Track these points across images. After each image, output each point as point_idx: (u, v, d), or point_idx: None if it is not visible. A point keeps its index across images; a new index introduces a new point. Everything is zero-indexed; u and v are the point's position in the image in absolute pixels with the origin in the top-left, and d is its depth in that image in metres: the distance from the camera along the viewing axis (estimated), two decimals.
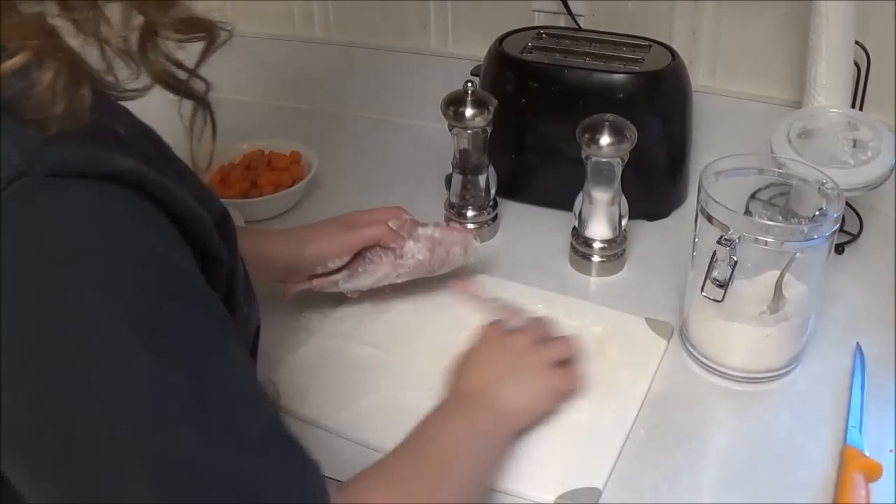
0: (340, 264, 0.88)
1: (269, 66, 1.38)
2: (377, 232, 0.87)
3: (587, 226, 0.98)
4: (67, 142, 0.45)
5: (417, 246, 0.88)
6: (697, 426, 0.79)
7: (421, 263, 0.88)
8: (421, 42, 1.31)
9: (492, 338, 0.80)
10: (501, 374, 0.75)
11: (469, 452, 0.69)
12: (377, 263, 0.88)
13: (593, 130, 0.91)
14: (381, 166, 1.22)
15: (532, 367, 0.77)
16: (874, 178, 0.93)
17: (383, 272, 0.88)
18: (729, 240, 0.76)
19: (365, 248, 0.88)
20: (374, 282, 0.89)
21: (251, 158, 1.17)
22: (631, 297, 0.95)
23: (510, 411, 0.74)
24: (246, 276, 0.61)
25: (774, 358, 0.83)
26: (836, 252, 0.98)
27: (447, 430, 0.69)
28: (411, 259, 0.88)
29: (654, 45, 1.07)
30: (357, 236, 0.87)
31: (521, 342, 0.79)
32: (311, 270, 0.88)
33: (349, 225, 0.89)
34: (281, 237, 0.89)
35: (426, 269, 0.90)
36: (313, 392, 0.82)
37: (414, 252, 0.88)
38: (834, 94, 0.99)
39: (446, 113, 0.99)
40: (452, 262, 0.91)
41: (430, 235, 0.89)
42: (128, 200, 0.46)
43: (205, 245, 0.51)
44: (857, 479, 0.71)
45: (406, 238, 0.88)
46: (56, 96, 0.44)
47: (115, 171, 0.45)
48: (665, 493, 0.72)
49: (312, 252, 0.87)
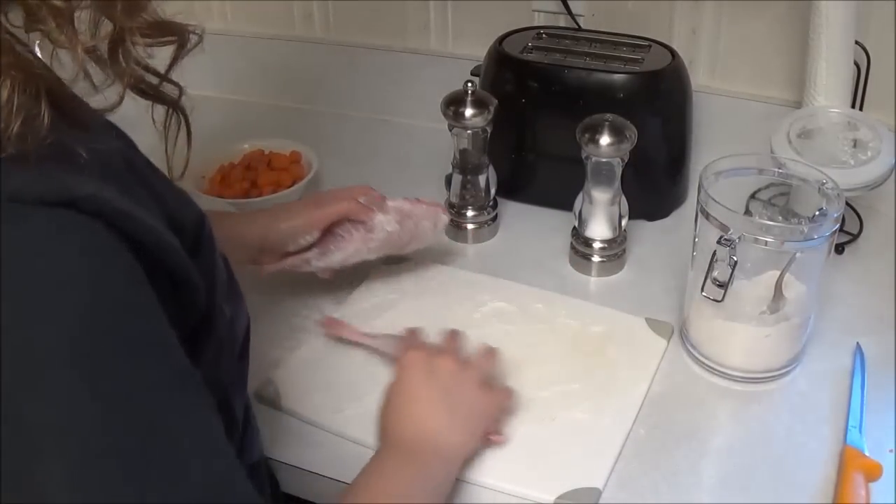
0: (311, 240, 0.88)
1: (269, 66, 1.38)
2: (346, 206, 0.88)
3: (587, 226, 0.98)
4: (24, 165, 0.43)
5: (387, 218, 0.89)
6: (697, 426, 0.79)
7: (390, 236, 0.89)
8: (421, 42, 1.30)
9: (417, 366, 0.73)
10: (438, 412, 0.70)
11: (425, 500, 0.65)
12: (348, 239, 0.89)
13: (593, 130, 0.91)
14: (381, 166, 1.22)
15: (465, 395, 0.72)
16: (874, 178, 0.93)
17: (354, 247, 0.89)
18: (729, 240, 0.76)
19: (335, 225, 0.88)
20: (345, 257, 0.89)
21: (251, 158, 1.17)
22: (631, 297, 0.95)
23: (456, 450, 0.70)
24: (230, 277, 0.60)
25: (774, 358, 0.83)
26: (836, 252, 0.98)
27: (399, 482, 0.65)
28: (381, 232, 0.89)
29: (654, 45, 1.07)
30: (326, 211, 0.88)
31: (446, 366, 0.73)
32: (283, 248, 0.88)
33: (317, 201, 0.90)
34: (251, 217, 0.90)
35: (396, 244, 0.91)
36: (313, 392, 0.82)
37: (384, 224, 0.89)
38: (834, 94, 0.99)
39: (446, 113, 0.99)
40: (422, 237, 0.92)
41: (399, 208, 0.90)
42: (84, 231, 0.44)
43: (174, 271, 0.49)
44: (857, 479, 0.71)
45: (375, 211, 0.89)
46: (10, 115, 0.42)
47: (74, 198, 0.43)
48: (665, 493, 0.72)
49: (283, 228, 0.87)
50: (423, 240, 0.93)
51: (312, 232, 0.88)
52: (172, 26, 0.52)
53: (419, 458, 0.68)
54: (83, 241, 0.44)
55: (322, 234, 0.88)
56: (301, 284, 0.94)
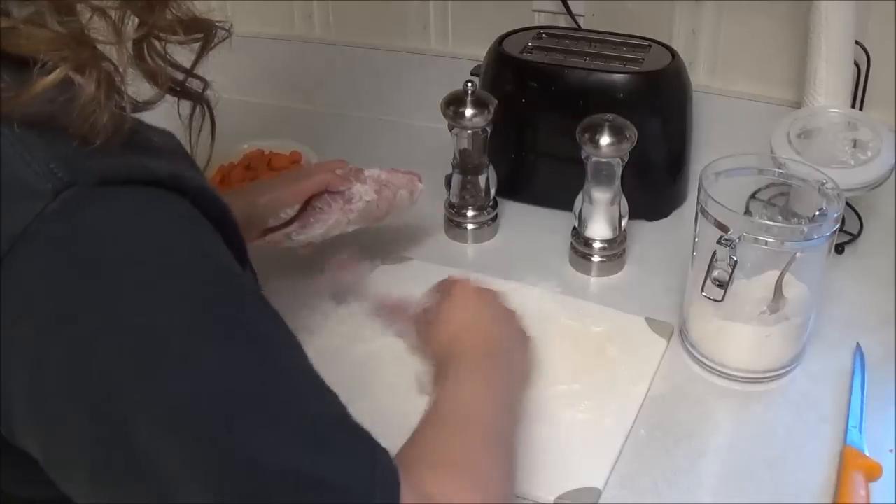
0: (292, 214, 0.89)
1: (270, 66, 1.38)
2: (324, 178, 0.89)
3: (587, 226, 0.98)
4: (109, 152, 0.45)
5: (365, 188, 0.90)
6: (697, 426, 0.79)
7: (369, 206, 0.90)
8: (421, 42, 1.30)
9: (468, 290, 0.80)
10: (498, 323, 0.77)
11: (507, 409, 0.68)
12: (327, 211, 0.89)
13: (593, 130, 0.91)
14: (381, 166, 1.22)
15: (509, 315, 0.79)
16: (874, 178, 0.93)
17: (334, 219, 0.89)
18: (729, 240, 0.76)
19: (314, 199, 0.89)
20: (325, 230, 0.90)
21: (251, 158, 1.17)
22: (631, 297, 0.95)
23: (518, 349, 0.77)
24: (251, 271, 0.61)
25: (774, 358, 0.83)
26: (836, 252, 0.98)
27: (477, 382, 0.68)
28: (359, 202, 0.90)
29: (654, 45, 1.07)
30: (304, 184, 0.89)
31: (491, 293, 0.80)
32: (263, 224, 0.88)
33: (295, 176, 0.92)
34: (235, 195, 0.91)
35: (375, 214, 0.92)
36: None
37: (361, 194, 0.90)
38: (834, 94, 0.99)
39: (446, 113, 0.99)
40: (400, 206, 0.94)
41: (376, 177, 0.92)
42: (174, 204, 0.46)
43: (237, 242, 0.51)
44: (857, 479, 0.71)
45: (353, 181, 0.90)
46: (100, 108, 0.44)
47: (158, 177, 0.46)
48: (665, 493, 0.72)
49: (263, 203, 0.87)
50: (400, 208, 0.94)
51: (292, 205, 0.88)
52: (201, 23, 0.53)
53: (490, 360, 0.72)
54: (179, 214, 0.46)
55: (301, 208, 0.89)
56: (301, 284, 0.93)
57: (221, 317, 0.46)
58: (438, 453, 0.59)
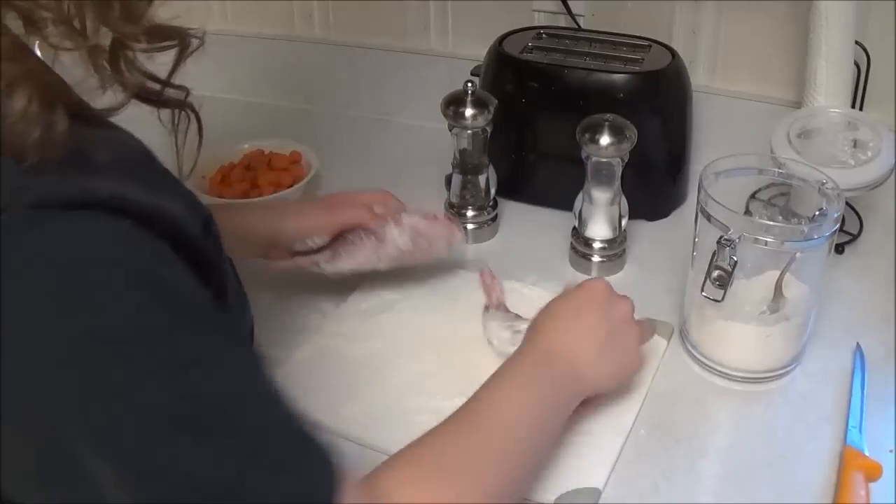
0: (321, 243, 0.87)
1: (269, 66, 1.38)
2: (358, 214, 0.87)
3: (587, 226, 0.98)
4: (46, 171, 0.43)
5: (400, 234, 0.87)
6: (697, 426, 0.79)
7: (402, 252, 0.88)
8: (421, 42, 1.31)
9: (597, 296, 0.75)
10: (592, 342, 0.72)
11: (535, 422, 0.65)
12: (358, 246, 0.87)
13: (593, 130, 0.91)
14: (381, 166, 1.22)
15: (623, 343, 0.75)
16: (874, 178, 0.93)
17: (364, 257, 0.88)
18: (729, 240, 0.76)
19: (347, 230, 0.88)
20: (355, 265, 0.88)
21: (251, 158, 1.17)
22: (631, 296, 0.94)
23: (589, 380, 0.72)
24: (235, 278, 0.60)
25: (774, 358, 0.83)
26: (836, 252, 0.98)
27: (515, 399, 0.65)
28: (392, 248, 0.87)
29: (654, 45, 1.07)
30: (337, 216, 0.87)
31: (622, 311, 0.76)
32: (290, 245, 0.87)
33: (331, 205, 0.89)
34: (261, 212, 0.90)
35: (408, 259, 0.90)
36: (313, 392, 0.82)
37: (395, 239, 0.87)
38: (834, 94, 0.99)
39: (446, 113, 0.99)
40: (435, 253, 0.91)
41: (413, 225, 0.88)
42: (111, 225, 0.45)
43: (197, 252, 0.50)
44: (857, 479, 0.71)
45: (389, 222, 0.87)
46: (30, 124, 0.43)
47: (98, 199, 0.44)
48: (665, 493, 0.72)
49: (292, 226, 0.86)
50: (435, 255, 0.91)
51: (322, 235, 0.87)
52: (172, 30, 0.51)
53: (552, 369, 0.69)
54: (116, 236, 0.45)
55: (332, 236, 0.87)
56: (301, 284, 0.94)
57: (154, 335, 0.44)
58: (429, 457, 0.59)
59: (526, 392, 0.67)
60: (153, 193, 0.47)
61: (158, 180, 0.51)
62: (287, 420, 0.49)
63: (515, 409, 0.65)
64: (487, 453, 0.61)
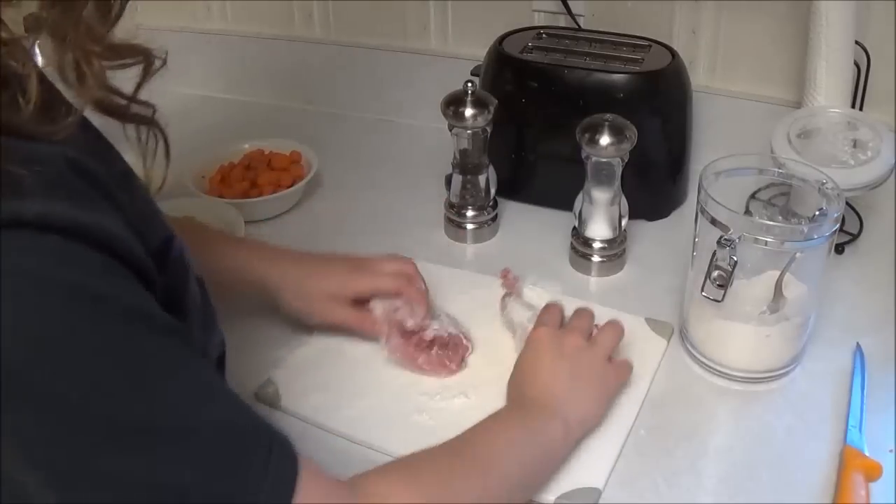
0: None
1: (269, 66, 1.38)
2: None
3: (587, 226, 0.98)
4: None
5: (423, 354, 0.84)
6: (697, 426, 0.79)
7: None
8: (421, 42, 1.31)
9: (545, 341, 0.77)
10: (562, 382, 0.74)
11: (523, 458, 0.68)
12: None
13: (593, 130, 0.91)
14: (381, 166, 1.22)
15: (590, 370, 0.76)
16: (874, 178, 0.93)
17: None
18: (729, 240, 0.76)
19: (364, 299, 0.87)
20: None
21: (251, 158, 1.17)
22: (631, 297, 0.95)
23: (577, 418, 0.73)
24: (205, 303, 0.60)
25: (774, 358, 0.83)
26: (836, 252, 0.98)
27: (501, 434, 0.69)
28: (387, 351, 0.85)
29: (654, 45, 1.07)
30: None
31: (573, 343, 0.77)
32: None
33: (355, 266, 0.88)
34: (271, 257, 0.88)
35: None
36: (313, 392, 0.82)
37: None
38: (834, 94, 0.99)
39: (446, 113, 0.99)
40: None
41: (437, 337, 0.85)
42: (39, 244, 0.44)
43: (139, 270, 0.49)
44: (857, 479, 0.71)
45: (389, 329, 0.85)
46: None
47: (22, 220, 0.43)
48: (665, 493, 0.72)
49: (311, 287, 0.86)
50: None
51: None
52: (133, 49, 0.51)
53: (537, 417, 0.71)
54: (42, 256, 0.44)
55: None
56: None
57: (91, 348, 0.44)
58: (420, 470, 0.61)
59: (515, 432, 0.70)
60: (81, 208, 0.46)
61: (89, 194, 0.49)
62: (230, 426, 0.49)
63: (503, 444, 0.68)
64: (470, 479, 0.63)
